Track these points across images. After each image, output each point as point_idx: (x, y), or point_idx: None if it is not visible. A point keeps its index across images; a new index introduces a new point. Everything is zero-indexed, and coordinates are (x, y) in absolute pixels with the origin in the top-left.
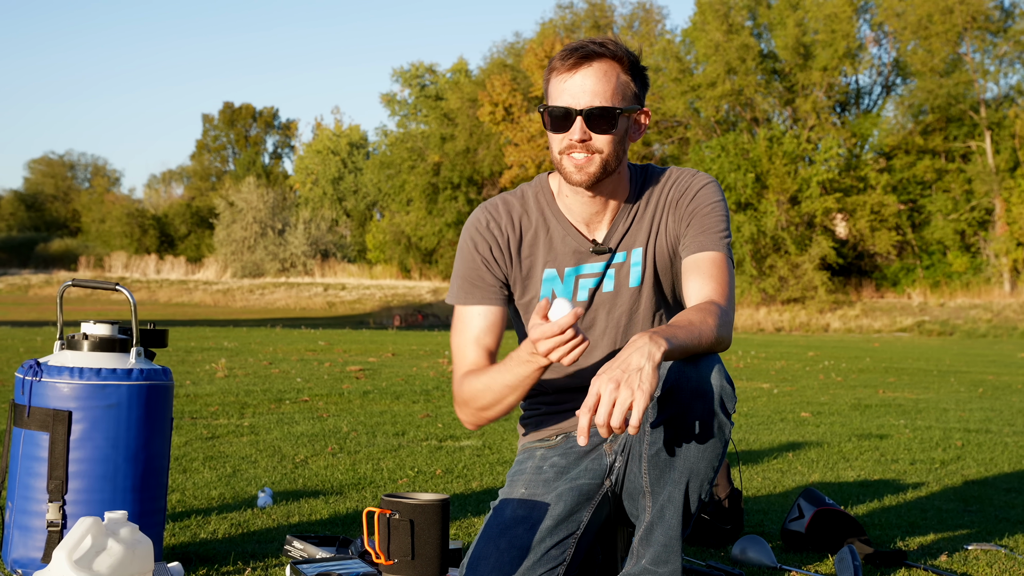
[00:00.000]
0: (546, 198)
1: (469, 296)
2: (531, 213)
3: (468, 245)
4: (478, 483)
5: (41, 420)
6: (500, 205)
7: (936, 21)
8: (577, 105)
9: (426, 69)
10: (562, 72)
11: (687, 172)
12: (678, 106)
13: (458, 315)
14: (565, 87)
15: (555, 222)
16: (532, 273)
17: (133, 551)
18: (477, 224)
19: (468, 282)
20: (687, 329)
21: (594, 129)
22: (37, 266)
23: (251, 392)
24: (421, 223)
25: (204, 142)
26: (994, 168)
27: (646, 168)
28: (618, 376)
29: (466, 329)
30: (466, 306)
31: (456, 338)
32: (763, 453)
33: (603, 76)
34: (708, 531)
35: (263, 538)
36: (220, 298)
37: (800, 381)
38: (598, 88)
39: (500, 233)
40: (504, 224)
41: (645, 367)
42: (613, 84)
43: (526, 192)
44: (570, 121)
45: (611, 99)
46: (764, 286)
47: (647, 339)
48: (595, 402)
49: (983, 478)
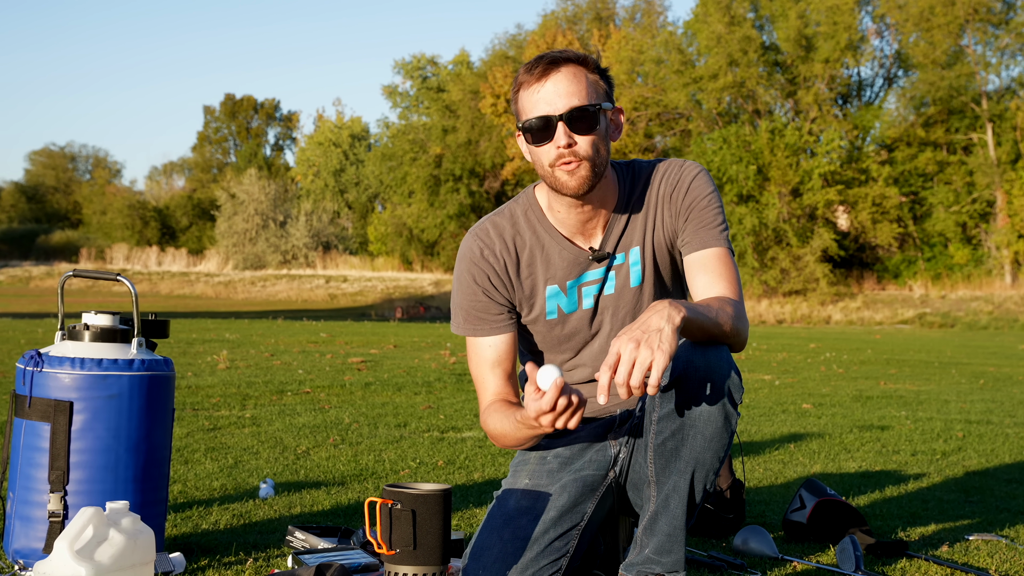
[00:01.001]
0: (536, 214)
1: (478, 329)
2: (523, 232)
3: (466, 278)
4: (480, 474)
5: (42, 411)
6: (491, 230)
7: (938, 13)
8: (555, 111)
9: (428, 61)
10: (532, 83)
11: (675, 164)
12: (680, 98)
13: (471, 346)
14: (539, 97)
15: (548, 238)
16: (535, 292)
17: (135, 541)
18: (471, 255)
19: (473, 315)
20: (705, 307)
21: (576, 131)
22: (38, 258)
23: (253, 384)
24: (423, 215)
25: (205, 134)
26: (995, 160)
27: (632, 165)
28: (638, 336)
29: (481, 361)
30: (476, 338)
31: (473, 369)
32: (765, 444)
33: (573, 78)
34: (710, 521)
35: (265, 529)
36: (222, 290)
37: (802, 373)
38: (572, 89)
39: (496, 259)
40: (499, 250)
41: (665, 328)
42: (584, 84)
43: (515, 210)
44: (551, 128)
45: (586, 98)
46: (766, 278)
47: (667, 304)
48: (615, 361)
49: (984, 469)
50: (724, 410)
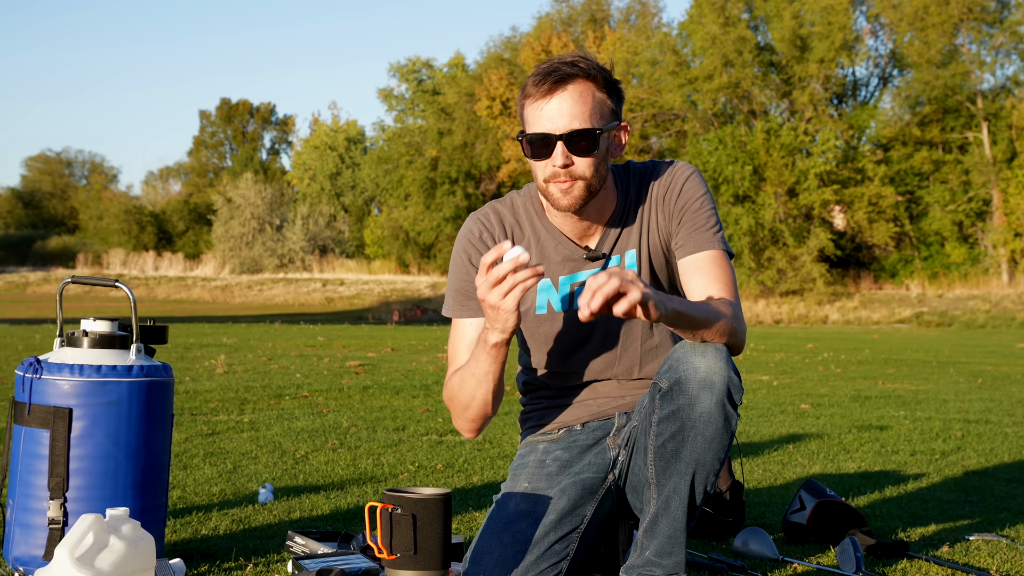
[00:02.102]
0: (536, 209)
1: (464, 309)
2: (522, 223)
3: (462, 257)
4: (479, 477)
5: (42, 417)
6: (492, 215)
7: (932, 12)
8: (556, 130)
9: (423, 64)
10: (537, 98)
11: (667, 166)
12: (675, 99)
13: (454, 327)
14: (542, 113)
15: (545, 232)
16: None
17: (135, 548)
18: (470, 235)
19: (463, 294)
20: (694, 303)
21: (575, 152)
22: (35, 264)
23: (251, 388)
24: (419, 218)
25: (201, 138)
26: (991, 159)
27: (627, 167)
28: (619, 272)
29: (460, 339)
30: (462, 319)
31: (451, 347)
32: (764, 445)
33: (579, 98)
34: (710, 523)
35: (264, 534)
36: (218, 294)
37: (799, 373)
38: (576, 111)
39: (494, 243)
40: (497, 234)
41: (645, 282)
42: (590, 105)
43: (516, 201)
44: (550, 147)
45: (589, 120)
46: (762, 278)
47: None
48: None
49: (983, 468)
50: (724, 411)
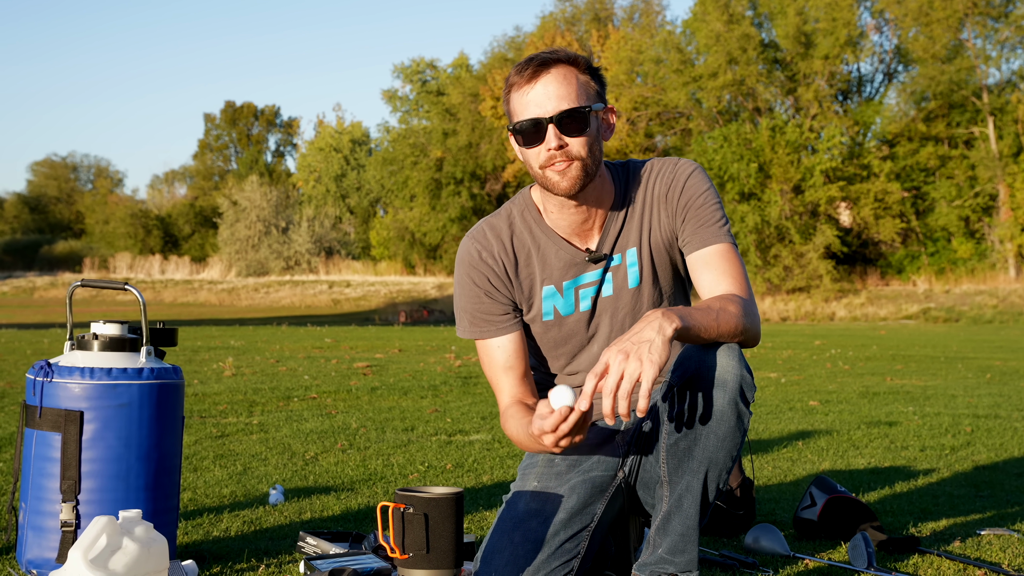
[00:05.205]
0: (533, 216)
1: (484, 331)
2: (521, 233)
3: (466, 281)
4: (488, 477)
5: (53, 420)
6: (488, 232)
7: (937, 7)
8: (546, 113)
9: (427, 65)
10: (522, 85)
11: (668, 162)
12: (680, 97)
13: (481, 349)
14: (529, 99)
15: (545, 238)
16: (532, 292)
17: (148, 550)
18: (470, 258)
19: (478, 318)
20: (703, 311)
21: (567, 133)
22: (42, 268)
23: (259, 390)
24: (425, 219)
25: (206, 141)
26: (997, 154)
27: (627, 165)
28: (628, 348)
29: (493, 364)
30: (483, 340)
31: (487, 372)
32: (773, 442)
33: (563, 79)
34: (721, 520)
35: (276, 535)
36: (225, 297)
37: (807, 370)
38: (562, 91)
39: (495, 261)
40: (496, 251)
41: (656, 340)
42: (575, 85)
43: (512, 211)
44: (542, 131)
45: (577, 99)
46: (769, 276)
47: (660, 314)
48: (603, 370)
49: (993, 463)
50: (736, 409)
